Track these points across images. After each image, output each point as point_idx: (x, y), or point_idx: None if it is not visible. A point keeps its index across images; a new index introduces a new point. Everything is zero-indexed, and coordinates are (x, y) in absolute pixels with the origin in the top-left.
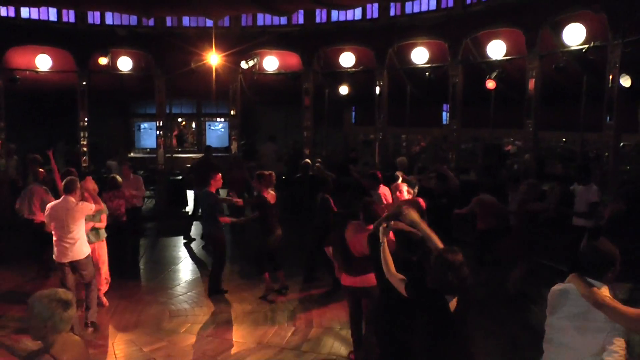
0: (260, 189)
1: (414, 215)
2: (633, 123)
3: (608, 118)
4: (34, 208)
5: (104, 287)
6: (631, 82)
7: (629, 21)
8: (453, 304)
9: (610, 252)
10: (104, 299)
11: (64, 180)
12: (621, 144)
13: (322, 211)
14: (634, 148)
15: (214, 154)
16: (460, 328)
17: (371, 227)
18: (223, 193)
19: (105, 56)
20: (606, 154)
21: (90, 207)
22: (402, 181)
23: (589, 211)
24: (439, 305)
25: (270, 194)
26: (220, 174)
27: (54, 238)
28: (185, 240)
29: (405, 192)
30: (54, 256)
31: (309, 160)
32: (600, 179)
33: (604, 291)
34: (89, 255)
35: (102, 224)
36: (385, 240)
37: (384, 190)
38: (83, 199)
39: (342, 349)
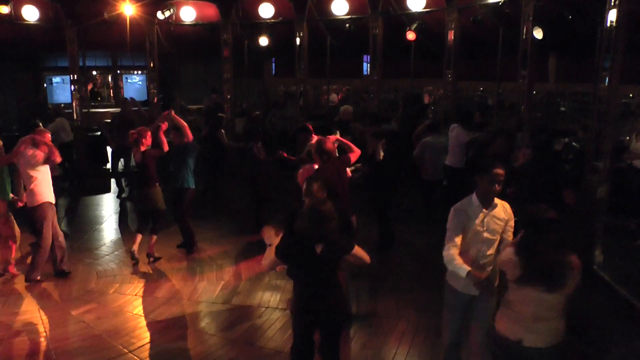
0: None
1: None
2: (544, 73)
3: (522, 68)
4: None
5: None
6: (543, 34)
7: None
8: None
9: None
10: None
11: None
12: (534, 93)
13: (250, 161)
14: (544, 96)
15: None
16: (327, 271)
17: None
18: None
19: (6, 4)
20: (521, 102)
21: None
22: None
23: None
24: (304, 249)
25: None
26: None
27: None
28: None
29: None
30: None
31: (223, 114)
32: (515, 124)
33: None
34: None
35: None
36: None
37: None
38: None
39: (272, 300)
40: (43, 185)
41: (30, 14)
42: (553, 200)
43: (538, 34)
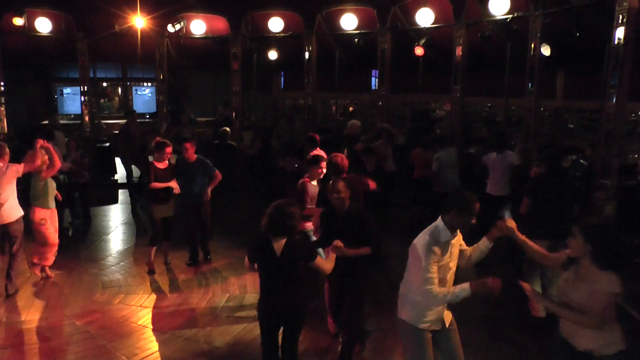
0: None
1: None
2: (551, 89)
3: (530, 84)
4: None
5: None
6: (550, 51)
7: None
8: (280, 245)
9: None
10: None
11: None
12: (541, 109)
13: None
14: (552, 113)
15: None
16: (286, 270)
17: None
18: None
19: (21, 16)
20: (528, 118)
21: (18, 169)
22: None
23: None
24: (266, 249)
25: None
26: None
27: None
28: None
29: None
30: None
31: (227, 128)
32: (522, 141)
33: None
34: (19, 219)
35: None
36: None
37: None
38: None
39: None
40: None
41: (43, 26)
42: (564, 217)
43: (546, 50)
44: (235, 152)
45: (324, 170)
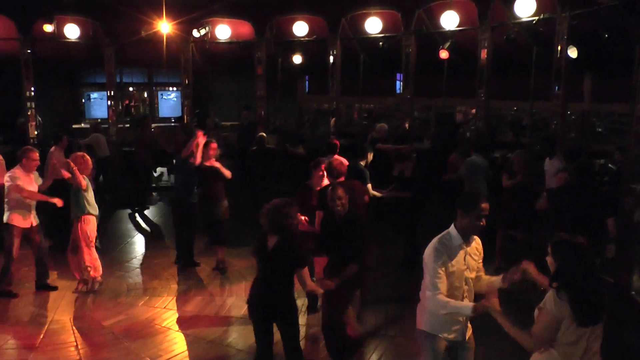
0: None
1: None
2: (579, 92)
3: (556, 87)
4: None
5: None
6: (577, 53)
7: None
8: (272, 241)
9: None
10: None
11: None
12: (568, 112)
13: None
14: (579, 116)
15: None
16: (276, 270)
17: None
18: None
19: (50, 23)
20: (555, 121)
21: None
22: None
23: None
24: (262, 242)
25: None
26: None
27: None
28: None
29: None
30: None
31: (264, 134)
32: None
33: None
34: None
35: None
36: None
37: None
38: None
39: (300, 316)
40: None
41: (72, 32)
42: (593, 227)
43: (572, 52)
44: (275, 157)
45: (325, 174)
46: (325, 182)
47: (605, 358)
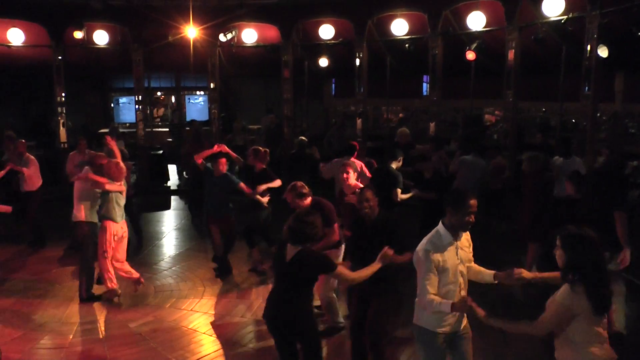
0: (254, 164)
1: None
2: (609, 93)
3: (586, 88)
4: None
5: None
6: (608, 52)
7: None
8: (292, 252)
9: None
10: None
11: None
12: (598, 114)
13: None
14: (610, 117)
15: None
16: (292, 281)
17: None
18: None
19: (80, 30)
20: (584, 122)
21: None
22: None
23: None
24: (280, 255)
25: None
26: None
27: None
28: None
29: (352, 177)
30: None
31: (304, 137)
32: (578, 146)
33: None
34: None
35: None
36: None
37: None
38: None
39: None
40: None
41: (101, 38)
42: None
43: (603, 52)
44: (315, 161)
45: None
46: (353, 182)
47: None
